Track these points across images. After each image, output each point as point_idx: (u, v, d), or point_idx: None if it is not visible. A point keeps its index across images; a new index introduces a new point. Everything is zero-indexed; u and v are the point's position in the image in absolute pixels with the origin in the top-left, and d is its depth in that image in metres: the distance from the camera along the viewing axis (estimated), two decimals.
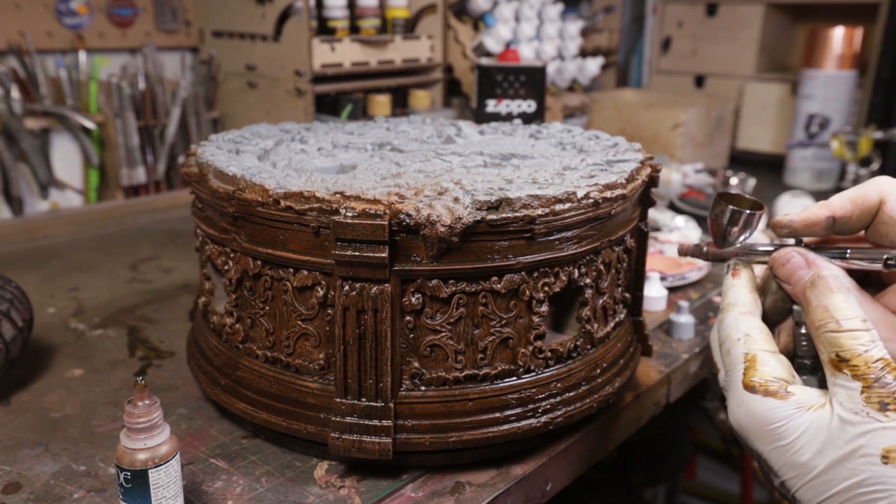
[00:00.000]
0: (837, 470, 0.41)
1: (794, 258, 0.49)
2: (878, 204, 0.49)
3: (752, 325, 0.48)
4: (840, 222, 0.50)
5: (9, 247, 1.19)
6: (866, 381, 0.41)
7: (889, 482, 0.40)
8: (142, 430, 0.51)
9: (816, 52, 1.59)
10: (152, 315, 0.93)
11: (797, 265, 0.49)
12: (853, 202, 0.50)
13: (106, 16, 1.41)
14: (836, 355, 0.43)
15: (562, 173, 0.64)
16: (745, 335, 0.48)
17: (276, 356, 0.62)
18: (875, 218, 0.50)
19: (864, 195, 0.49)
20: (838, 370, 0.42)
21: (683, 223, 1.19)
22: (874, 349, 0.42)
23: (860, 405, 0.41)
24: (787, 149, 1.66)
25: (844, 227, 0.50)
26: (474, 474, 0.62)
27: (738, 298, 0.50)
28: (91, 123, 1.32)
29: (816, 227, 0.50)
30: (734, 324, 0.49)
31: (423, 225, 0.53)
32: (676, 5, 1.94)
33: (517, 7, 1.59)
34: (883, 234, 0.49)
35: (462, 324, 0.58)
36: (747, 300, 0.50)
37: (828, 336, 0.43)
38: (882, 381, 0.41)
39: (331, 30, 1.44)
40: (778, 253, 0.50)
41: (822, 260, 0.49)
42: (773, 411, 0.44)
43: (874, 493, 0.40)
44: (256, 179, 0.59)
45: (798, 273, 0.48)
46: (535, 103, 1.29)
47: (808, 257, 0.49)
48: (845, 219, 0.50)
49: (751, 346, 0.47)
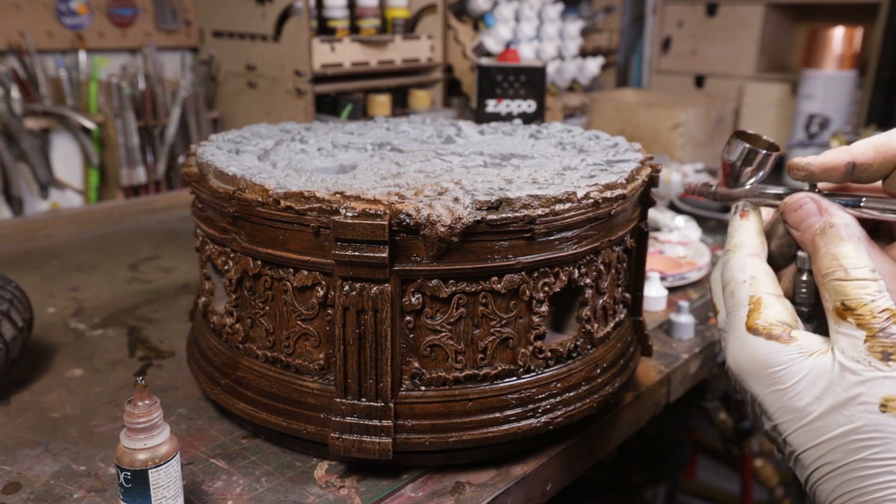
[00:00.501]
0: (834, 416, 0.41)
1: (807, 204, 0.48)
2: None
3: (758, 268, 0.48)
4: (860, 169, 0.48)
5: (9, 247, 1.19)
6: (871, 330, 0.41)
7: (885, 430, 0.39)
8: (142, 430, 0.51)
9: (816, 52, 1.59)
10: (152, 315, 0.93)
11: (809, 211, 0.47)
12: (876, 149, 0.48)
13: (106, 16, 1.41)
14: (841, 304, 0.42)
15: (562, 173, 0.64)
16: (751, 277, 0.47)
17: (276, 356, 0.62)
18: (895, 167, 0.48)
19: (887, 143, 0.48)
20: (843, 318, 0.42)
21: (683, 223, 1.19)
22: (881, 299, 0.41)
23: (863, 354, 0.41)
24: (787, 149, 1.66)
25: (863, 174, 0.49)
26: (474, 474, 0.62)
27: (746, 240, 0.49)
28: (91, 123, 1.32)
29: (835, 171, 0.49)
30: (740, 265, 0.48)
31: (423, 225, 0.53)
32: (676, 5, 1.94)
33: (517, 7, 1.59)
34: None
35: (462, 324, 0.58)
36: (754, 242, 0.49)
37: (834, 284, 0.43)
38: (887, 331, 0.40)
39: (331, 30, 1.44)
40: (790, 198, 0.49)
41: (835, 207, 0.47)
42: (775, 354, 0.43)
43: (869, 441, 0.40)
44: (256, 179, 0.59)
45: (809, 220, 0.47)
46: (535, 103, 1.29)
47: (822, 204, 0.47)
48: (865, 165, 0.48)
49: (756, 288, 0.46)
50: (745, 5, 1.81)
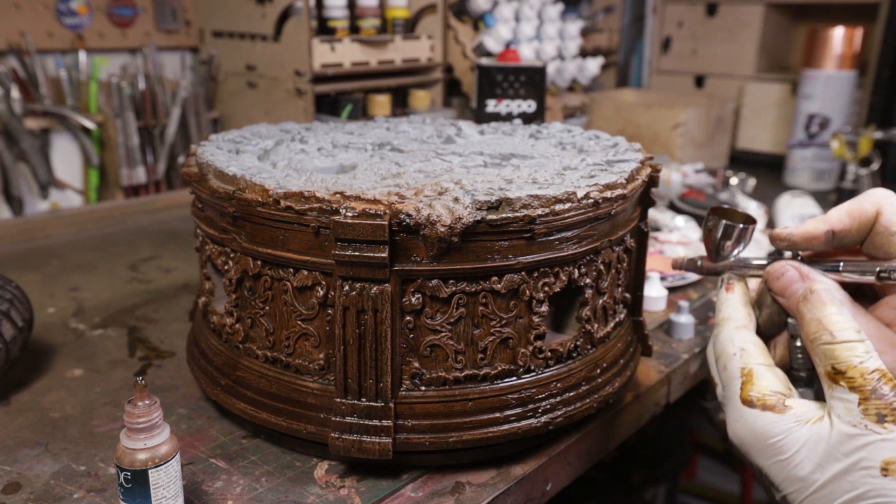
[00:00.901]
0: (838, 483, 0.41)
1: (789, 272, 0.49)
2: (875, 215, 0.49)
3: (747, 340, 0.48)
4: (839, 236, 0.50)
5: (9, 247, 1.19)
6: (863, 392, 0.41)
7: (890, 494, 0.40)
8: (142, 430, 0.51)
9: (816, 52, 1.59)
10: (152, 315, 0.93)
11: (791, 279, 0.49)
12: (850, 215, 0.50)
13: (106, 16, 1.41)
14: (831, 367, 0.43)
15: (562, 173, 0.64)
16: (740, 349, 0.48)
17: (276, 356, 0.62)
18: (871, 230, 0.50)
19: (860, 207, 0.50)
20: (835, 382, 0.42)
21: (683, 223, 1.19)
22: (869, 360, 0.42)
23: (858, 417, 0.41)
24: (787, 149, 1.66)
25: (844, 240, 0.51)
26: (474, 474, 0.62)
27: (733, 313, 0.51)
28: (91, 123, 1.32)
29: (816, 241, 0.50)
30: (729, 338, 0.49)
31: (423, 225, 0.53)
32: (676, 5, 1.94)
33: (517, 7, 1.59)
34: (878, 246, 0.49)
35: (462, 324, 0.58)
36: (741, 314, 0.50)
37: (823, 348, 0.43)
38: (878, 392, 0.41)
39: (331, 30, 1.44)
40: (772, 266, 0.50)
41: (815, 273, 0.49)
42: (772, 425, 0.44)
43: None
44: (256, 179, 0.59)
45: (792, 286, 0.48)
46: (535, 103, 1.29)
47: (802, 270, 0.49)
48: (844, 232, 0.50)
49: (747, 360, 0.47)
50: (745, 5, 1.81)
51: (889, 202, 0.49)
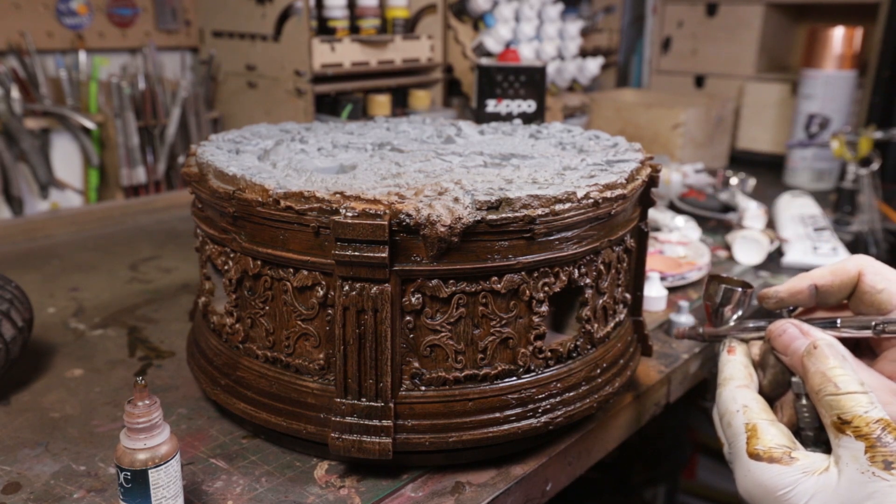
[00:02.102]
0: None
1: (790, 329, 0.51)
2: (857, 276, 0.53)
3: (749, 397, 0.50)
4: (822, 291, 0.54)
5: (9, 247, 1.19)
6: (869, 440, 0.42)
7: None
8: (142, 430, 0.51)
9: (816, 52, 1.59)
10: (152, 315, 0.93)
11: (793, 335, 0.51)
12: (832, 273, 0.54)
13: (106, 16, 1.41)
14: (837, 418, 0.44)
15: (562, 173, 0.64)
16: (743, 406, 0.49)
17: (276, 356, 0.62)
18: (856, 289, 0.53)
19: (842, 267, 0.54)
20: (841, 432, 0.43)
21: (683, 223, 1.19)
22: (873, 410, 0.43)
23: (865, 465, 0.42)
24: (787, 149, 1.66)
25: (827, 296, 0.55)
26: (474, 474, 0.62)
27: (735, 373, 0.53)
28: (91, 123, 1.32)
29: (801, 294, 0.55)
30: (731, 397, 0.51)
31: (423, 225, 0.53)
32: (676, 5, 1.94)
33: (517, 7, 1.59)
34: (868, 304, 0.53)
35: (462, 324, 0.58)
36: (742, 374, 0.52)
37: (828, 399, 0.45)
38: (883, 440, 0.42)
39: (331, 30, 1.44)
40: (774, 325, 0.52)
41: (815, 329, 0.51)
42: (779, 477, 0.44)
43: None
44: (256, 179, 0.59)
45: (794, 343, 0.50)
46: (535, 103, 1.29)
47: (803, 328, 0.51)
48: (826, 287, 0.54)
49: (750, 416, 0.48)
50: (745, 5, 1.81)
51: (870, 264, 0.53)
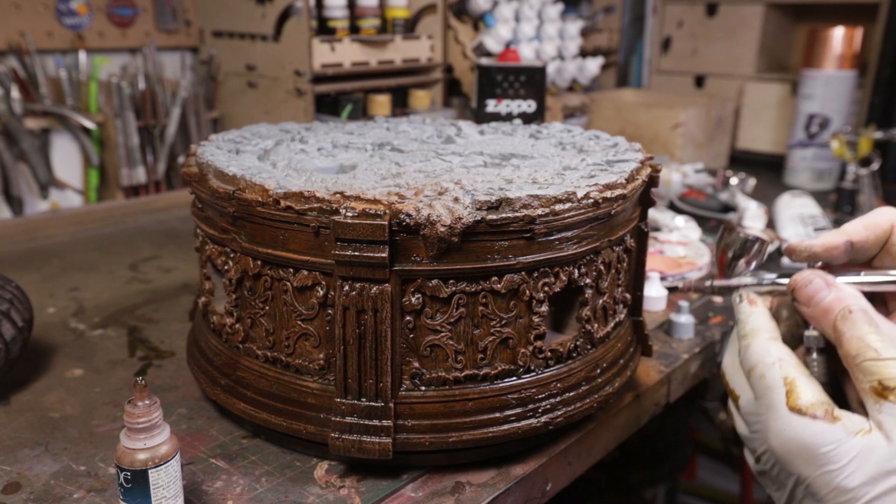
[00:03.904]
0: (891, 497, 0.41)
1: (816, 280, 0.50)
2: (890, 229, 0.51)
3: (783, 350, 0.49)
4: (856, 247, 0.52)
5: (9, 247, 1.19)
6: None
7: None
8: (142, 430, 0.51)
9: (816, 52, 1.59)
10: (152, 315, 0.93)
11: (818, 287, 0.49)
12: (866, 227, 0.52)
13: (106, 16, 1.41)
14: (878, 383, 0.43)
15: (562, 173, 0.64)
16: (778, 359, 0.48)
17: (276, 356, 0.62)
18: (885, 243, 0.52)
19: (874, 222, 0.51)
20: (883, 398, 0.43)
21: (683, 223, 1.19)
22: None
23: None
24: (787, 149, 1.66)
25: (860, 252, 0.52)
26: (474, 474, 0.62)
27: (763, 324, 0.51)
28: (91, 123, 1.32)
29: (836, 250, 0.52)
30: (764, 349, 0.49)
31: (424, 225, 0.53)
32: (676, 5, 1.94)
33: (517, 7, 1.59)
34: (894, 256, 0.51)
35: (462, 324, 0.58)
36: (771, 326, 0.51)
37: (867, 365, 0.44)
38: None
39: (331, 30, 1.44)
40: (799, 274, 0.51)
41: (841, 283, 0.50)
42: (822, 435, 0.44)
43: None
44: (256, 179, 0.59)
45: (819, 295, 0.49)
46: (535, 103, 1.29)
47: (828, 279, 0.49)
48: (861, 243, 0.51)
49: (787, 370, 0.47)
50: (745, 5, 1.81)
51: None
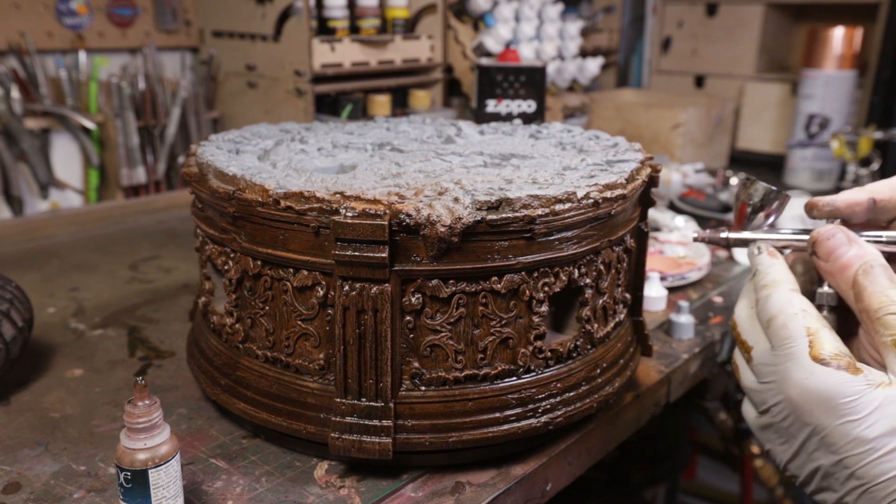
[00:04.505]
0: None
1: (838, 234, 0.49)
2: None
3: (805, 302, 0.48)
4: (879, 206, 0.52)
5: (9, 247, 1.19)
6: None
7: None
8: (142, 430, 0.51)
9: (816, 52, 1.59)
10: (152, 315, 0.93)
11: (840, 241, 0.49)
12: (891, 188, 0.51)
13: (106, 16, 1.41)
14: None
15: (562, 173, 0.64)
16: (801, 310, 0.47)
17: (276, 356, 0.62)
18: None
19: None
20: None
21: (683, 223, 1.19)
22: None
23: None
24: (787, 149, 1.66)
25: (882, 212, 0.52)
26: (474, 474, 0.62)
27: (783, 276, 0.50)
28: (91, 123, 1.32)
29: (858, 207, 0.52)
30: (787, 299, 0.48)
31: (424, 225, 0.53)
32: (676, 5, 1.94)
33: (517, 7, 1.59)
34: None
35: (462, 324, 0.58)
36: (791, 278, 0.50)
37: (889, 319, 0.44)
38: None
39: (331, 30, 1.44)
40: (822, 229, 0.51)
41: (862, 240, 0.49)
42: (846, 385, 0.43)
43: None
44: (256, 179, 0.59)
45: (839, 249, 0.49)
46: (535, 103, 1.29)
47: (850, 235, 0.49)
48: (884, 202, 0.51)
49: (809, 321, 0.47)
50: (745, 5, 1.81)
51: None
